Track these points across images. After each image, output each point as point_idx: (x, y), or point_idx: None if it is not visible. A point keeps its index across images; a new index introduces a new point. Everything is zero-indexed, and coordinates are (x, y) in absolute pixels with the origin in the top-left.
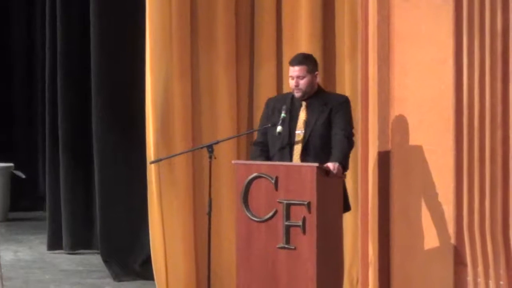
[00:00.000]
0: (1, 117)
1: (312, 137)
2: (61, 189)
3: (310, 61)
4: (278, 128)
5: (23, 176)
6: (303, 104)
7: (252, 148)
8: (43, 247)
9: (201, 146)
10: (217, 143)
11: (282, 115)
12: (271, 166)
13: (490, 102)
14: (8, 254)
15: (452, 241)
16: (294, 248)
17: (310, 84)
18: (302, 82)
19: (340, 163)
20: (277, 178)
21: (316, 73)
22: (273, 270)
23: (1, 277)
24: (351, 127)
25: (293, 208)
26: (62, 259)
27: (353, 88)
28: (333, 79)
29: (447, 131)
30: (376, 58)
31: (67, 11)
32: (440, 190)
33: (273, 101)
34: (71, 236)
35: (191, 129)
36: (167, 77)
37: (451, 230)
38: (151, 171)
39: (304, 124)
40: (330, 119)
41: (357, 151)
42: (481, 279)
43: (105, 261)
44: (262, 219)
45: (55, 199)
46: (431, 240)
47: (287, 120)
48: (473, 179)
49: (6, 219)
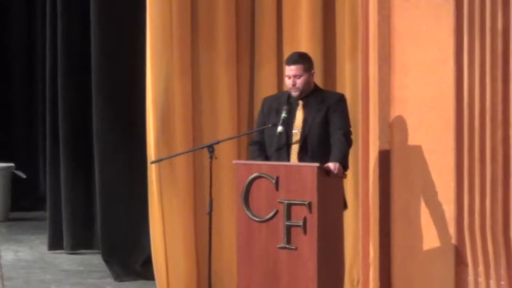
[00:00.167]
0: (2, 117)
1: (309, 136)
2: (62, 189)
3: (306, 59)
4: (279, 128)
5: (23, 176)
6: (300, 103)
7: (250, 148)
8: (44, 247)
9: (201, 146)
10: (218, 143)
11: (283, 115)
12: (271, 166)
13: (490, 101)
14: (8, 254)
15: (453, 241)
16: (295, 248)
17: (307, 83)
18: (299, 81)
19: (340, 162)
20: (277, 178)
21: (312, 71)
22: (274, 270)
23: (2, 277)
24: (349, 125)
25: (294, 208)
26: (63, 259)
27: (353, 88)
28: (333, 79)
29: (447, 131)
30: (376, 58)
31: (67, 10)
32: (441, 189)
33: (269, 101)
34: (72, 236)
35: (191, 129)
36: (168, 77)
37: (451, 230)
38: (152, 171)
39: (302, 123)
40: (327, 118)
41: (358, 151)
42: (482, 279)
43: (105, 261)
44: (263, 219)
45: (56, 199)
46: (432, 240)
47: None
48: (474, 178)
49: (6, 219)
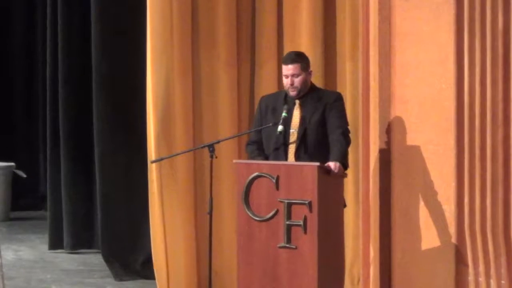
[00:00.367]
0: (3, 117)
1: (306, 135)
2: (62, 188)
3: (303, 58)
4: (280, 128)
5: (24, 176)
6: (297, 102)
7: (249, 148)
8: (44, 247)
9: (202, 146)
10: (218, 142)
11: (284, 114)
12: (272, 166)
13: (491, 101)
14: (9, 253)
15: (453, 240)
16: (295, 248)
17: (304, 82)
18: (297, 80)
19: (340, 162)
20: (278, 177)
21: (309, 70)
22: (274, 270)
23: (3, 276)
24: (347, 124)
25: (294, 208)
26: (63, 259)
27: (354, 88)
28: (334, 79)
29: (448, 131)
30: (377, 57)
31: (68, 10)
32: (441, 189)
33: (265, 100)
34: (72, 235)
35: (192, 128)
36: (168, 76)
37: (452, 229)
38: (152, 171)
39: (299, 123)
40: (324, 117)
41: (358, 150)
42: (482, 279)
43: (106, 260)
44: (263, 219)
45: (56, 198)
46: (432, 239)
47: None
48: (474, 178)
49: (7, 219)
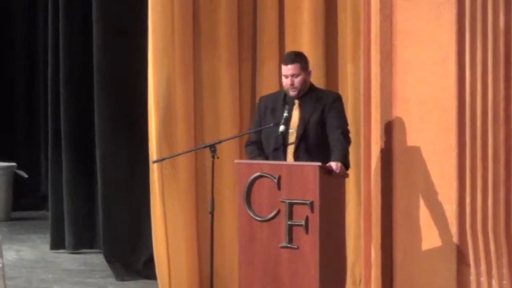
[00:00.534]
0: (4, 117)
1: (305, 136)
2: (64, 188)
3: (302, 58)
4: (281, 128)
5: (25, 176)
6: (296, 102)
7: (249, 148)
8: (46, 247)
9: (203, 146)
10: (220, 142)
11: (285, 114)
12: (273, 166)
13: (492, 100)
14: (11, 253)
15: (455, 240)
16: (297, 248)
17: (304, 82)
18: (297, 80)
19: (341, 162)
20: (279, 177)
21: (309, 70)
22: (276, 270)
23: (4, 276)
24: (346, 124)
25: (295, 208)
26: (65, 259)
27: (355, 88)
28: (335, 78)
29: (449, 130)
30: (378, 57)
31: (69, 10)
32: (443, 189)
33: (265, 100)
34: (74, 235)
35: (193, 128)
36: (169, 76)
37: (453, 229)
38: (154, 171)
39: (298, 123)
40: (323, 117)
41: (360, 150)
42: (484, 279)
43: (107, 260)
44: (265, 219)
45: (58, 198)
46: (434, 239)
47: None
48: (476, 178)
49: (8, 219)
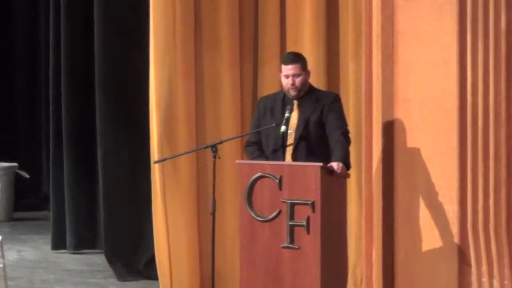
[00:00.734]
0: (5, 117)
1: (304, 136)
2: (65, 188)
3: (302, 59)
4: (282, 128)
5: (27, 176)
6: (295, 103)
7: (249, 149)
8: (47, 247)
9: (205, 146)
10: (221, 143)
11: (286, 114)
12: (275, 166)
13: (493, 101)
14: (12, 253)
15: (456, 240)
16: (298, 248)
17: (304, 82)
18: (298, 80)
19: (343, 162)
20: (281, 177)
21: (308, 70)
22: (277, 270)
23: (6, 276)
24: (346, 125)
25: (297, 208)
26: (66, 259)
27: (357, 88)
28: (337, 79)
29: (450, 131)
30: (380, 57)
31: (71, 9)
32: (444, 189)
33: (264, 101)
34: (75, 236)
35: (194, 129)
36: (171, 76)
37: (455, 229)
38: (155, 171)
39: (297, 124)
40: (322, 118)
41: (361, 151)
42: (485, 279)
43: (109, 261)
44: (266, 219)
45: (59, 198)
46: (435, 239)
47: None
48: (477, 178)
49: (10, 219)
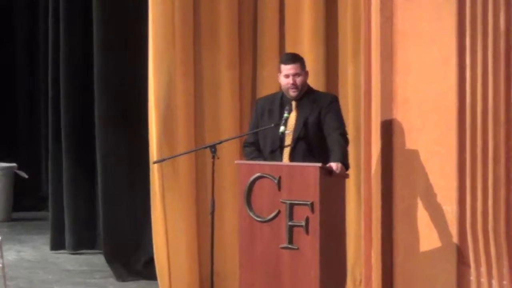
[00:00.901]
0: (4, 117)
1: (302, 138)
2: (64, 189)
3: (301, 59)
4: (281, 128)
5: (26, 176)
6: (293, 104)
7: (247, 149)
8: (46, 247)
9: (204, 146)
10: (220, 143)
11: (285, 115)
12: (274, 166)
13: (493, 101)
14: (11, 254)
15: (455, 241)
16: (297, 248)
17: (304, 82)
18: (298, 80)
19: (342, 162)
20: (280, 178)
21: (306, 71)
22: (276, 270)
23: (5, 277)
24: (344, 126)
25: (296, 208)
26: (65, 259)
27: (356, 88)
28: (336, 79)
29: (450, 131)
30: (379, 58)
31: (70, 9)
32: (443, 190)
33: (262, 101)
34: (74, 236)
35: (194, 129)
36: (170, 76)
37: (454, 230)
38: (154, 171)
39: (295, 124)
40: (320, 119)
41: (360, 151)
42: (484, 279)
43: (108, 261)
44: (265, 219)
45: (58, 199)
46: (434, 240)
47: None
48: (476, 178)
49: (9, 219)
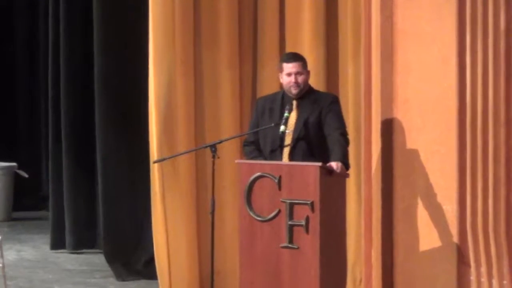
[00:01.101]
0: (5, 117)
1: (302, 137)
2: (64, 188)
3: (303, 58)
4: (282, 128)
5: (26, 176)
6: (294, 103)
7: (247, 149)
8: (46, 247)
9: (204, 146)
10: (220, 142)
11: (286, 114)
12: (274, 166)
13: (493, 101)
14: (11, 253)
15: (455, 240)
16: (297, 248)
17: (306, 81)
18: (300, 78)
19: (342, 161)
20: (280, 177)
21: (308, 70)
22: (276, 270)
23: (5, 276)
24: (344, 126)
25: (296, 208)
26: (65, 259)
27: (356, 88)
28: (336, 79)
29: (450, 131)
30: (379, 57)
31: (70, 8)
32: (443, 189)
33: (262, 101)
34: (74, 235)
35: (194, 128)
36: (170, 76)
37: (454, 230)
38: (154, 171)
39: (295, 124)
40: (320, 119)
41: (360, 151)
42: (484, 279)
43: (108, 260)
44: (265, 219)
45: (58, 198)
46: (434, 240)
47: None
48: (476, 178)
49: (9, 219)
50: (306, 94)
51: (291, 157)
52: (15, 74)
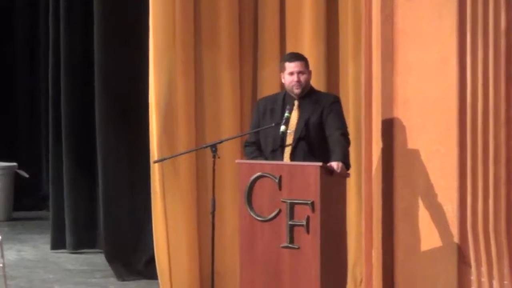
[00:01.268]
0: (5, 116)
1: (303, 137)
2: (65, 188)
3: (305, 58)
4: (282, 128)
5: (26, 176)
6: (295, 103)
7: (248, 149)
8: (47, 247)
9: (204, 146)
10: (221, 142)
11: (286, 114)
12: (274, 166)
13: (493, 101)
14: (11, 253)
15: (456, 240)
16: (298, 248)
17: (308, 81)
18: (303, 78)
19: (342, 161)
20: (280, 177)
21: (310, 70)
22: (277, 270)
23: (5, 276)
24: (346, 126)
25: (296, 208)
26: (66, 259)
27: (357, 88)
28: (337, 79)
29: (450, 131)
30: (379, 57)
31: (70, 8)
32: (444, 189)
33: (264, 101)
34: (75, 235)
35: (194, 128)
36: (171, 76)
37: (454, 229)
38: (155, 171)
39: (296, 124)
40: (322, 119)
41: (361, 151)
42: (484, 279)
43: (108, 260)
44: (266, 219)
45: (59, 198)
46: (435, 240)
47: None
48: (477, 178)
49: (9, 219)
50: (308, 94)
51: (292, 157)
52: (15, 74)
